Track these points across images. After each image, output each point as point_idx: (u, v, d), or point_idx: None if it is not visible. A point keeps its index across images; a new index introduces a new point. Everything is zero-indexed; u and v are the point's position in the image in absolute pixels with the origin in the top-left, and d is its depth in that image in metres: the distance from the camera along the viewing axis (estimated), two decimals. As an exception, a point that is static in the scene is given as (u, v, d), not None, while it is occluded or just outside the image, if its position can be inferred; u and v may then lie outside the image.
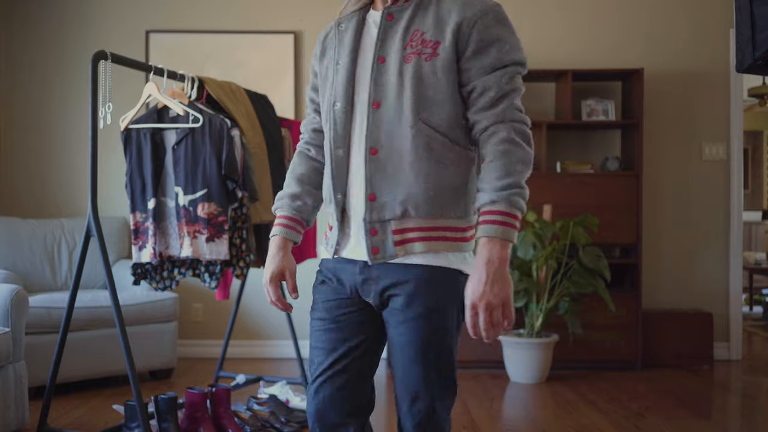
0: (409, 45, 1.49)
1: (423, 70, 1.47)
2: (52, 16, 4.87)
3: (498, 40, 1.48)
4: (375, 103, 1.49)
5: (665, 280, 4.88)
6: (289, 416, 3.20)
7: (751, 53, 1.66)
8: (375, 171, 1.48)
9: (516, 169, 1.44)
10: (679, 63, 4.88)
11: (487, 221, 1.41)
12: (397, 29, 1.51)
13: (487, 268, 1.39)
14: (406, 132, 1.46)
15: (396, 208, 1.48)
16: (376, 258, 1.49)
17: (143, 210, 3.07)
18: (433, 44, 1.48)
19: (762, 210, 9.42)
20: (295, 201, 1.66)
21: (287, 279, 1.64)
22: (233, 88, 3.31)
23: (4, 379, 2.89)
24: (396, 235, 1.49)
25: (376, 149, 1.48)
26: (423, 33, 1.49)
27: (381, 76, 1.49)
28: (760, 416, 3.63)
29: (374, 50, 1.52)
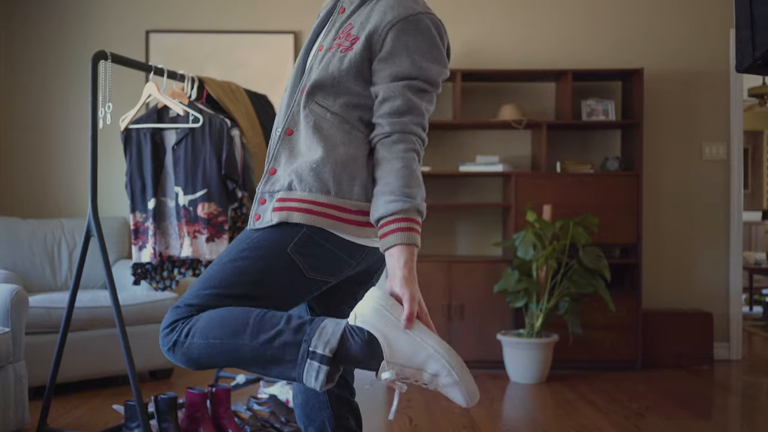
0: (338, 36, 1.57)
1: (333, 59, 1.53)
2: (52, 16, 4.87)
3: (410, 51, 1.48)
4: (302, 89, 1.57)
5: (665, 280, 4.88)
6: (289, 416, 3.20)
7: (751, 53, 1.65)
8: (281, 149, 1.57)
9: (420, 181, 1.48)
10: (679, 63, 4.88)
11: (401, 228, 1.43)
12: (339, 21, 1.61)
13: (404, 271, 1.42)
14: (305, 113, 1.55)
15: (284, 180, 1.53)
16: (255, 224, 1.54)
17: (143, 210, 3.07)
18: (353, 39, 1.53)
19: (762, 210, 9.42)
20: None
21: None
22: (233, 88, 3.31)
23: (4, 379, 2.89)
24: (278, 203, 1.52)
25: (292, 130, 1.57)
26: (352, 27, 1.55)
27: (313, 63, 1.59)
28: (761, 416, 3.63)
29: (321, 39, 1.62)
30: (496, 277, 4.44)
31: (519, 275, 4.21)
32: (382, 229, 1.45)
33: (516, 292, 4.23)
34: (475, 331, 4.48)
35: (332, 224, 1.49)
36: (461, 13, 4.81)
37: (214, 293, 1.48)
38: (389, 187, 1.45)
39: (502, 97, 4.86)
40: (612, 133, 4.94)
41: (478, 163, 4.64)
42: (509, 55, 4.85)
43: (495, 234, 4.91)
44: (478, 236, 4.93)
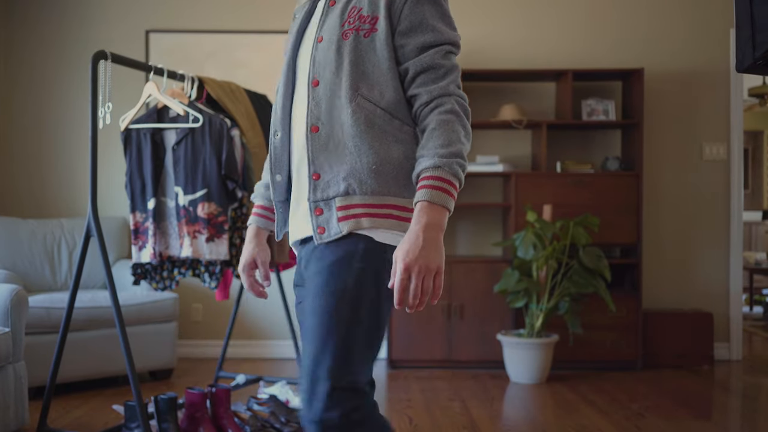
0: (347, 22, 1.49)
1: (362, 45, 1.47)
2: (52, 16, 4.87)
3: (429, 18, 1.48)
4: (314, 81, 1.50)
5: (665, 280, 4.88)
6: (289, 416, 3.19)
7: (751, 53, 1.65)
8: (317, 149, 1.47)
9: (460, 140, 1.42)
10: (679, 63, 4.88)
11: (428, 186, 1.37)
12: (336, 9, 1.53)
13: (425, 232, 1.34)
14: (346, 108, 1.45)
15: (339, 185, 1.45)
16: (322, 237, 1.45)
17: (143, 210, 3.07)
18: (370, 19, 1.48)
19: (762, 210, 9.42)
20: (268, 190, 1.71)
21: (259, 267, 1.68)
22: (233, 88, 3.31)
23: (4, 379, 2.89)
24: (340, 212, 1.44)
25: (317, 127, 1.48)
26: (359, 9, 1.49)
27: (318, 54, 1.51)
28: (761, 416, 3.63)
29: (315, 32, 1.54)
30: (496, 277, 4.44)
31: (519, 275, 4.21)
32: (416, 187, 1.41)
33: (516, 292, 4.23)
34: (475, 331, 4.48)
35: (397, 224, 1.46)
36: (461, 13, 4.81)
37: (367, 367, 1.42)
38: (421, 151, 1.43)
39: (502, 96, 4.86)
40: (612, 133, 4.94)
41: (479, 162, 4.64)
42: (509, 55, 4.85)
43: (495, 234, 4.91)
44: (478, 236, 4.93)
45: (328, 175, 1.46)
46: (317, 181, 1.46)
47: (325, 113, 1.47)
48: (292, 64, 1.57)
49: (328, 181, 1.46)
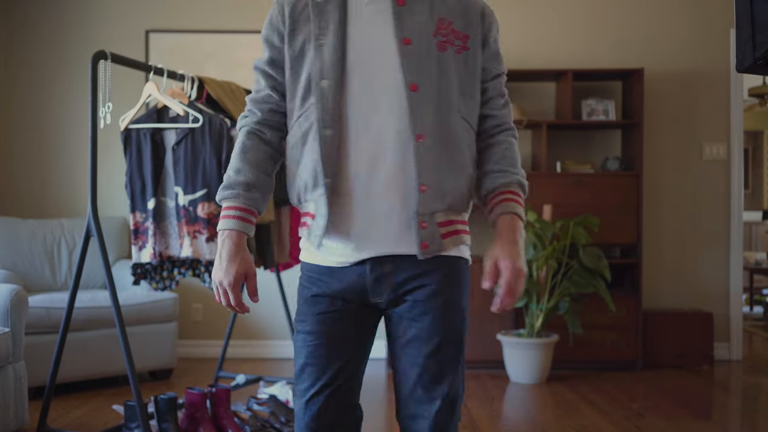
0: (439, 33, 1.47)
1: (458, 60, 1.49)
2: (53, 16, 4.87)
3: (499, 48, 1.57)
4: (412, 86, 1.42)
5: (665, 280, 4.88)
6: (289, 416, 3.19)
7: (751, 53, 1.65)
8: (424, 160, 1.42)
9: (519, 163, 1.56)
10: (679, 63, 4.88)
11: (513, 200, 1.50)
12: (415, 12, 1.46)
13: (519, 242, 1.48)
14: (454, 124, 1.47)
15: (444, 200, 1.45)
16: (426, 252, 1.44)
17: (143, 210, 3.07)
18: (463, 36, 1.49)
19: (762, 210, 9.42)
20: (250, 191, 1.49)
21: (249, 281, 1.49)
22: (233, 88, 3.31)
23: (4, 379, 2.89)
24: (441, 228, 1.45)
25: (422, 135, 1.42)
26: (451, 22, 1.48)
27: (411, 58, 1.43)
28: (761, 416, 3.63)
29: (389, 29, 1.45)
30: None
31: (519, 275, 4.20)
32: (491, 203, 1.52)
33: (516, 292, 4.22)
34: (475, 331, 4.47)
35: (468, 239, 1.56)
36: (461, 13, 4.81)
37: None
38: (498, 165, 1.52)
39: (502, 97, 4.86)
40: (612, 133, 4.94)
41: (478, 163, 4.64)
42: (509, 55, 4.80)
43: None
44: (479, 236, 4.90)
45: (434, 190, 1.43)
46: (424, 194, 1.42)
47: (432, 124, 1.43)
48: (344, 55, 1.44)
49: (433, 196, 1.43)
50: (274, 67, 1.54)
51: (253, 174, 1.50)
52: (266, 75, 1.55)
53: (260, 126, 1.54)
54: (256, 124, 1.54)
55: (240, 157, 1.52)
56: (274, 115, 1.55)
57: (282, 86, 1.54)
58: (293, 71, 1.50)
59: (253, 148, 1.52)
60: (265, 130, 1.54)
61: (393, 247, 1.45)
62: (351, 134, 1.43)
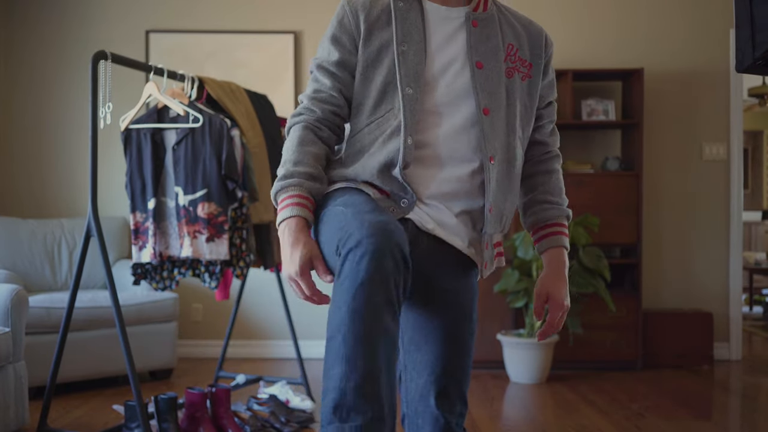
0: (508, 59, 1.51)
1: (522, 88, 1.53)
2: (53, 16, 4.87)
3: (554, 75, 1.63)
4: (485, 110, 1.46)
5: (665, 280, 4.88)
6: (289, 416, 3.20)
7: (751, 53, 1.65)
8: (494, 181, 1.48)
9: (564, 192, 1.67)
10: (679, 63, 4.88)
11: (564, 233, 1.61)
12: (489, 36, 1.51)
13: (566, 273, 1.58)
14: (517, 150, 1.53)
15: (501, 223, 1.54)
16: (485, 272, 1.57)
17: (143, 210, 3.07)
18: (527, 65, 1.54)
19: (762, 210, 9.42)
20: (314, 182, 1.43)
21: (316, 265, 1.36)
22: (233, 88, 3.31)
23: (4, 379, 2.89)
24: (496, 248, 1.58)
25: (494, 158, 1.48)
26: (517, 50, 1.54)
27: (484, 83, 1.47)
28: (760, 416, 3.63)
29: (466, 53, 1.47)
30: (496, 277, 4.44)
31: (519, 275, 4.21)
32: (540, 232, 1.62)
33: (516, 292, 4.23)
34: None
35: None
36: (461, 13, 4.81)
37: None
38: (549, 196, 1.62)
39: (502, 97, 4.86)
40: (612, 133, 4.94)
41: (478, 163, 4.64)
42: (509, 55, 4.85)
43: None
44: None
45: (496, 211, 1.51)
46: (491, 214, 1.50)
47: (501, 147, 1.49)
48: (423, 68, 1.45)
49: (496, 217, 1.51)
50: (343, 69, 1.50)
51: (315, 167, 1.44)
52: (332, 76, 1.50)
53: (319, 123, 1.50)
54: (315, 120, 1.50)
55: (298, 149, 1.45)
56: (335, 118, 1.51)
57: (348, 90, 1.51)
58: (364, 76, 1.48)
59: (312, 142, 1.47)
60: (323, 127, 1.50)
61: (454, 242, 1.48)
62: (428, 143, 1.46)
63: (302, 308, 4.62)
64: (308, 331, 4.73)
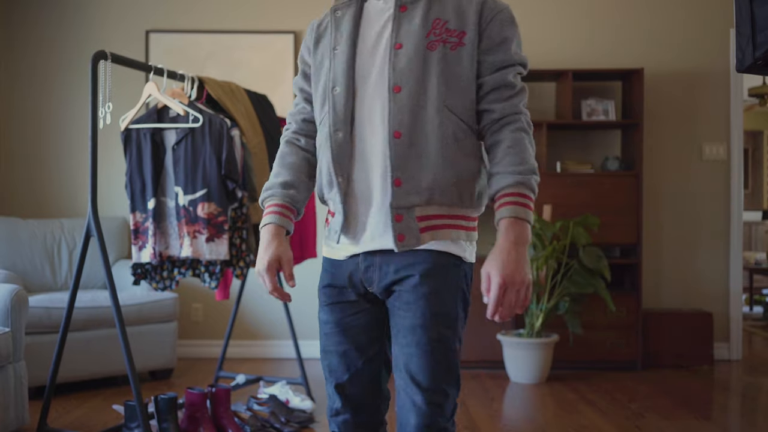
0: (432, 33, 1.51)
1: (449, 57, 1.50)
2: (52, 17, 4.87)
3: (509, 39, 1.54)
4: (395, 88, 1.49)
5: (665, 280, 4.88)
6: (289, 416, 3.20)
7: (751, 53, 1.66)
8: (400, 155, 1.47)
9: (531, 156, 1.50)
10: (679, 63, 4.88)
11: (512, 203, 1.46)
12: (413, 17, 1.53)
13: (517, 247, 1.45)
14: (433, 118, 1.48)
15: (422, 193, 1.48)
16: (402, 245, 1.48)
17: (143, 210, 3.07)
18: (458, 33, 1.52)
19: (762, 210, 9.42)
20: (288, 189, 1.60)
21: (284, 266, 1.56)
22: (233, 88, 3.31)
23: (4, 379, 2.89)
24: (421, 222, 1.49)
25: (399, 132, 1.47)
26: (445, 22, 1.52)
27: (400, 61, 1.49)
28: (760, 416, 3.63)
29: (389, 38, 1.52)
30: (496, 277, 4.43)
31: (519, 275, 4.20)
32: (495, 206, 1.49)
33: (516, 292, 4.22)
34: (475, 331, 4.48)
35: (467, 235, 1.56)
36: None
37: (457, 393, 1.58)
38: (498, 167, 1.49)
39: (502, 97, 4.86)
40: (612, 133, 4.94)
41: (478, 163, 4.64)
42: (509, 55, 4.85)
43: (495, 234, 4.90)
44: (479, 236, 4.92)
45: (410, 183, 1.47)
46: (398, 187, 1.47)
47: (409, 121, 1.48)
48: (352, 63, 1.53)
49: (409, 189, 1.48)
50: (305, 81, 1.66)
51: (290, 175, 1.62)
52: (299, 89, 1.68)
53: (296, 134, 1.67)
54: (292, 133, 1.68)
55: (278, 162, 1.65)
56: (308, 124, 1.67)
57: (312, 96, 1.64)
58: (315, 81, 1.61)
59: (289, 153, 1.65)
60: (300, 137, 1.67)
61: (380, 242, 1.51)
62: (357, 138, 1.52)
63: (302, 308, 4.62)
64: (308, 331, 4.73)
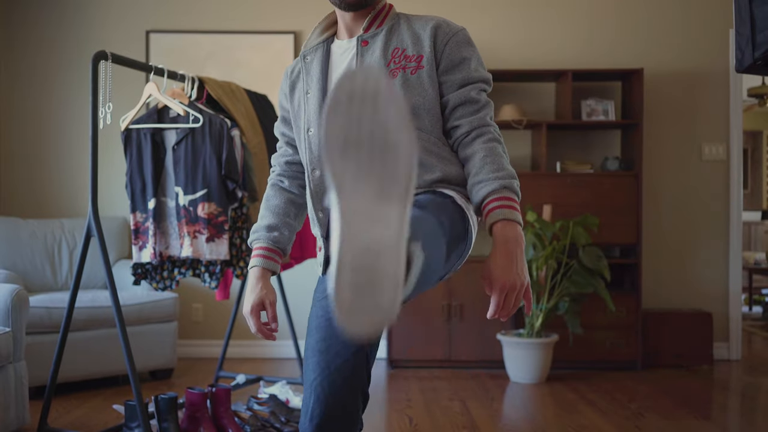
0: (392, 62, 1.58)
1: (410, 82, 1.56)
2: (52, 17, 4.87)
3: (467, 59, 1.59)
4: None
5: (665, 280, 4.88)
6: (289, 416, 3.20)
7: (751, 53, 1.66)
8: None
9: (507, 163, 1.53)
10: (679, 63, 4.88)
11: (500, 206, 1.47)
12: (374, 50, 1.59)
13: (511, 247, 1.44)
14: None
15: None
16: None
17: (143, 210, 3.07)
18: (416, 58, 1.57)
19: (762, 210, 9.42)
20: (271, 232, 1.70)
21: (267, 309, 1.65)
22: (233, 88, 3.32)
23: (5, 379, 2.90)
24: None
25: None
26: (404, 50, 1.59)
27: None
28: (760, 416, 3.63)
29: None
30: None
31: (519, 275, 4.20)
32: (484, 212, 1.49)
33: (516, 292, 4.22)
34: (475, 331, 4.48)
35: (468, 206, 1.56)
36: (461, 13, 4.81)
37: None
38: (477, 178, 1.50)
39: (502, 97, 4.86)
40: (612, 133, 4.95)
41: (478, 163, 4.64)
42: (509, 55, 4.85)
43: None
44: (479, 236, 4.91)
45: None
46: None
47: None
48: (323, 102, 1.59)
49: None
50: (286, 125, 1.74)
51: (273, 217, 1.71)
52: (281, 133, 1.76)
53: (279, 177, 1.76)
54: (276, 176, 1.76)
55: (263, 206, 1.75)
56: (291, 166, 1.75)
57: (293, 140, 1.74)
58: (296, 127, 1.69)
59: (273, 196, 1.74)
60: (283, 179, 1.75)
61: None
62: None
63: (302, 308, 4.62)
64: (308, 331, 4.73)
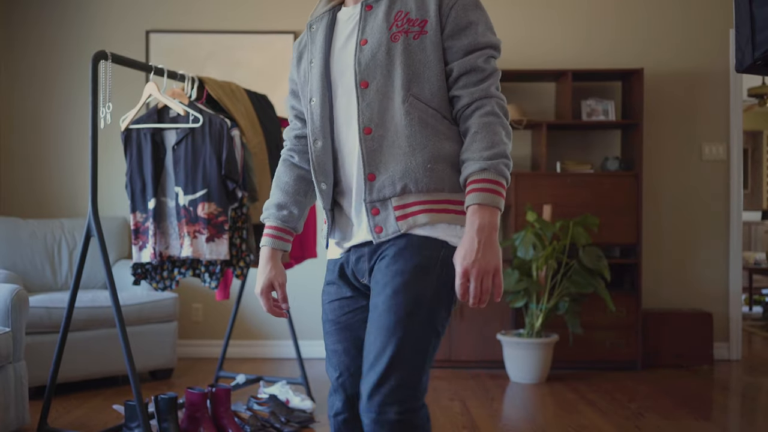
0: (394, 25, 1.51)
1: (412, 47, 1.50)
2: (52, 17, 4.87)
3: (474, 23, 1.52)
4: (363, 83, 1.50)
5: (665, 280, 4.88)
6: (289, 416, 3.20)
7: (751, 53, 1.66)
8: (371, 150, 1.48)
9: (502, 140, 1.46)
10: (679, 63, 4.88)
11: (477, 189, 1.42)
12: (377, 13, 1.53)
13: (478, 234, 1.40)
14: (399, 108, 1.48)
15: (396, 184, 1.47)
16: (380, 237, 1.49)
17: (143, 210, 3.07)
18: (419, 22, 1.51)
19: (762, 210, 9.42)
20: (281, 210, 1.67)
21: (277, 289, 1.64)
22: (233, 88, 3.31)
23: (4, 379, 2.90)
24: (397, 211, 1.48)
25: (369, 128, 1.49)
26: (407, 13, 1.52)
27: (364, 56, 1.50)
28: (760, 416, 3.63)
29: (356, 37, 1.53)
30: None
31: (519, 275, 4.21)
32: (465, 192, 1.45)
33: (516, 292, 4.23)
34: (475, 331, 4.48)
35: (455, 218, 1.49)
36: (461, 13, 4.81)
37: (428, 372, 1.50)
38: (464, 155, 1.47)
39: (502, 97, 4.86)
40: (612, 133, 4.95)
41: (478, 163, 4.64)
42: (509, 55, 4.85)
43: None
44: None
45: (384, 176, 1.48)
46: (372, 182, 1.48)
47: (378, 115, 1.49)
48: (326, 71, 1.55)
49: (383, 182, 1.48)
50: (295, 98, 1.71)
51: (283, 195, 1.69)
52: (290, 106, 1.73)
53: (290, 152, 1.72)
54: (287, 151, 1.73)
55: (274, 182, 1.72)
56: (300, 140, 1.71)
57: (302, 113, 1.69)
58: (303, 96, 1.64)
59: (284, 173, 1.71)
60: (293, 154, 1.71)
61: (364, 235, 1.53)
62: (336, 142, 1.55)
63: (302, 308, 4.63)
64: (308, 331, 4.73)
